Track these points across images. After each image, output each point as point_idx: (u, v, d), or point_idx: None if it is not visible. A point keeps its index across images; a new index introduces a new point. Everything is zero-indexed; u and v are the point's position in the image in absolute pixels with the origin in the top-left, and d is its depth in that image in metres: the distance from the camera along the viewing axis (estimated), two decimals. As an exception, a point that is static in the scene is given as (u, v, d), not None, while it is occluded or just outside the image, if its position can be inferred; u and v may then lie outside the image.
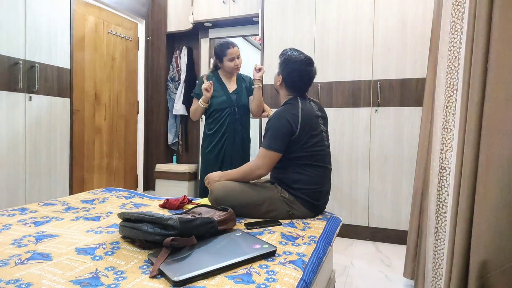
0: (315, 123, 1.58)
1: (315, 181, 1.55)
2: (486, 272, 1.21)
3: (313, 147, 1.55)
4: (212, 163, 2.22)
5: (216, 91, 2.19)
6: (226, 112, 2.18)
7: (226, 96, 2.19)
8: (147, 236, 1.09)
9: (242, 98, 2.23)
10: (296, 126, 1.51)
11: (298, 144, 1.53)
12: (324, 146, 1.60)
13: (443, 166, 1.49)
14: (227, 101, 2.18)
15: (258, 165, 1.56)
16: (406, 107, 2.42)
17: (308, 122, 1.54)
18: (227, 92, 2.21)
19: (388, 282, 1.87)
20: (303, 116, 1.53)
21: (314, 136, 1.55)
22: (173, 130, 3.87)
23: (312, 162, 1.55)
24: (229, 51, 2.14)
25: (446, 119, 1.48)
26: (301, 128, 1.51)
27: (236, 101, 2.20)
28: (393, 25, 2.44)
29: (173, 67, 3.86)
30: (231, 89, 2.24)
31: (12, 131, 2.27)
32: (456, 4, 1.45)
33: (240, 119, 2.21)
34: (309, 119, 1.55)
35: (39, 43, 2.42)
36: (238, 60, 2.18)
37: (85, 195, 1.96)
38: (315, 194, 1.55)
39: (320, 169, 1.57)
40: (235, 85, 2.26)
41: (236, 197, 1.51)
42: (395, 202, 2.46)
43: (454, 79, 1.46)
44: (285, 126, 1.51)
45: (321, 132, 1.61)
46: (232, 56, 2.15)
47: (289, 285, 0.90)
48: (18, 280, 0.90)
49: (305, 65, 1.60)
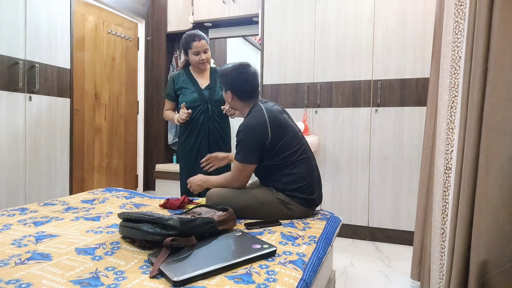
0: (283, 121, 1.57)
1: (305, 175, 1.55)
2: (486, 272, 1.21)
3: (292, 144, 1.55)
4: (191, 165, 2.11)
5: (187, 88, 2.06)
6: (199, 110, 2.04)
7: (198, 93, 2.05)
8: (147, 236, 1.09)
9: (215, 94, 2.07)
10: (266, 132, 1.50)
11: (276, 148, 1.52)
12: (299, 138, 1.61)
13: (448, 166, 1.48)
14: (199, 98, 2.04)
15: (235, 178, 1.58)
16: (406, 107, 2.42)
17: (277, 123, 1.53)
18: (199, 88, 2.06)
19: (388, 282, 1.87)
20: (270, 119, 1.52)
21: (288, 134, 1.55)
22: (173, 130, 3.87)
23: (296, 158, 1.55)
24: (194, 43, 2.00)
25: (451, 119, 1.47)
26: (272, 132, 1.50)
27: (209, 97, 2.06)
28: (393, 25, 2.44)
29: (173, 67, 3.86)
30: (203, 84, 2.09)
31: (12, 131, 2.27)
32: (459, 4, 1.45)
33: (214, 116, 2.07)
34: (276, 120, 1.54)
35: (39, 43, 2.42)
36: (206, 55, 2.03)
37: (85, 195, 1.96)
38: (309, 188, 1.55)
39: (305, 161, 1.57)
40: (208, 81, 2.11)
41: (233, 201, 1.51)
42: (395, 202, 2.46)
43: (458, 79, 1.45)
44: (255, 137, 1.50)
45: (291, 125, 1.61)
46: (197, 49, 2.00)
47: (289, 285, 0.90)
48: (18, 280, 0.90)
49: (242, 68, 1.60)
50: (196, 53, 2.03)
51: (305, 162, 1.57)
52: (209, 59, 2.08)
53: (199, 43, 2.01)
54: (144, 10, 3.75)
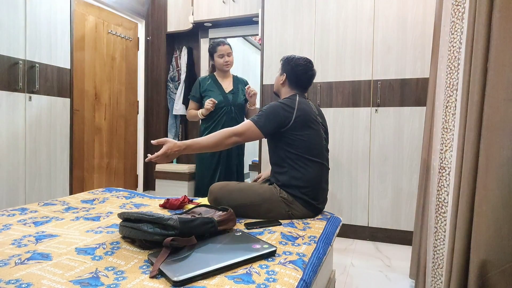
0: (312, 117, 1.59)
1: (313, 178, 1.55)
2: (486, 272, 1.21)
3: (310, 138, 1.56)
4: (207, 162, 2.28)
5: (213, 91, 2.30)
6: (223, 111, 2.27)
7: (223, 96, 2.29)
8: (147, 236, 1.09)
9: (238, 98, 2.33)
10: (290, 115, 1.53)
11: (293, 135, 1.54)
12: (321, 140, 1.62)
13: (442, 166, 1.49)
14: (224, 101, 2.28)
15: (238, 131, 1.51)
16: (406, 107, 2.42)
17: (303, 113, 1.56)
18: (223, 92, 2.31)
19: (388, 282, 1.88)
20: (299, 107, 1.56)
21: (310, 127, 1.57)
22: (173, 130, 3.87)
23: (309, 157, 1.55)
24: (219, 47, 2.27)
25: (446, 119, 1.48)
26: (295, 118, 1.54)
27: (233, 101, 2.30)
28: (393, 25, 2.44)
29: (173, 67, 3.86)
30: (228, 89, 2.33)
31: (12, 131, 2.27)
32: (456, 4, 1.45)
33: (236, 118, 2.30)
34: (305, 111, 1.57)
35: (39, 43, 2.42)
36: (229, 58, 2.29)
37: (85, 195, 1.96)
38: (314, 192, 1.55)
39: (317, 165, 1.57)
40: (232, 86, 2.35)
41: (235, 197, 1.51)
42: (395, 202, 2.46)
43: (454, 79, 1.45)
44: (278, 113, 1.54)
45: (319, 126, 1.62)
46: (222, 52, 2.27)
47: (289, 285, 0.90)
48: (18, 280, 0.90)
49: (308, 62, 1.69)
50: (221, 56, 2.29)
51: (317, 167, 1.57)
52: (232, 62, 2.32)
53: (223, 47, 2.28)
54: (144, 10, 3.75)
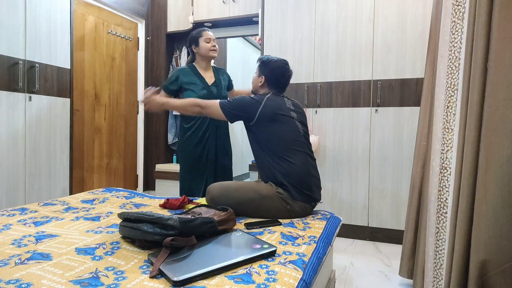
0: (280, 112, 1.62)
1: (299, 167, 1.57)
2: (486, 272, 1.21)
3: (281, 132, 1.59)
4: (197, 160, 2.13)
5: (195, 84, 2.11)
6: None
7: (207, 89, 2.12)
8: (147, 236, 1.09)
9: (222, 91, 2.21)
10: (255, 111, 1.60)
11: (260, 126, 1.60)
12: (297, 131, 1.64)
13: (444, 166, 1.48)
14: (208, 94, 2.09)
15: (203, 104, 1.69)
16: (406, 107, 2.42)
17: (269, 109, 1.61)
18: (207, 85, 2.14)
19: (388, 282, 1.88)
20: (265, 104, 1.61)
21: (279, 121, 1.60)
22: (173, 130, 3.87)
23: (290, 147, 1.58)
24: (204, 32, 2.14)
25: (447, 119, 1.48)
26: (260, 113, 1.59)
27: (217, 94, 2.14)
28: (393, 25, 2.44)
29: (173, 67, 3.86)
30: (210, 81, 2.17)
31: (12, 131, 2.27)
32: (457, 4, 1.45)
33: None
34: (271, 107, 1.62)
35: (39, 43, 2.42)
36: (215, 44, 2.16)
37: (85, 195, 1.96)
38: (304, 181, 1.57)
39: (299, 154, 1.59)
40: (214, 78, 2.19)
41: (233, 195, 1.51)
42: (395, 202, 2.46)
43: (455, 79, 1.45)
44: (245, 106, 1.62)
45: (293, 122, 1.64)
46: (208, 37, 2.13)
47: (289, 285, 0.90)
48: (18, 280, 0.90)
49: (284, 64, 1.75)
50: (208, 40, 2.14)
51: (302, 156, 1.60)
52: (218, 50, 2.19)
53: (209, 33, 2.16)
54: (144, 10, 3.75)
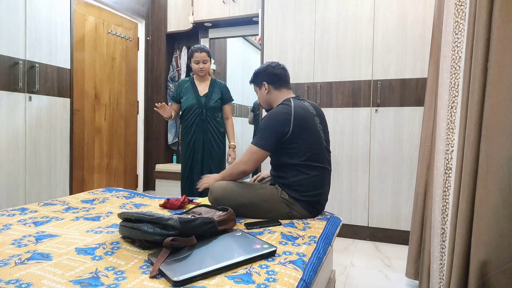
0: (310, 122, 1.56)
1: (315, 183, 1.54)
2: (486, 272, 1.21)
3: (310, 147, 1.53)
4: (186, 158, 2.46)
5: (187, 94, 2.44)
6: (195, 113, 2.41)
7: (196, 99, 2.42)
8: (147, 236, 1.09)
9: (210, 101, 2.44)
10: (288, 125, 1.51)
11: (293, 144, 1.52)
12: (321, 143, 1.59)
13: (448, 166, 1.48)
14: (197, 103, 2.41)
15: (243, 160, 1.57)
16: (406, 107, 2.42)
17: (301, 121, 1.53)
18: (198, 95, 2.43)
19: (388, 282, 1.87)
20: (295, 115, 1.52)
21: (310, 136, 1.54)
22: (173, 130, 3.87)
23: (311, 163, 1.53)
24: (195, 54, 2.40)
25: (451, 119, 1.47)
26: (293, 127, 1.51)
27: (205, 103, 2.42)
28: (393, 25, 2.44)
29: (173, 67, 3.86)
30: (203, 92, 2.45)
31: (12, 131, 2.27)
32: (459, 4, 1.45)
33: (207, 118, 2.43)
34: (302, 118, 1.54)
35: (39, 43, 2.42)
36: (204, 65, 2.40)
37: (85, 195, 1.96)
38: (316, 196, 1.55)
39: (319, 170, 1.56)
40: (207, 89, 2.47)
41: (236, 197, 1.51)
42: (395, 202, 2.46)
43: (458, 79, 1.45)
44: (276, 125, 1.52)
45: (318, 131, 1.59)
46: (197, 59, 2.39)
47: (289, 285, 0.90)
48: (18, 280, 0.90)
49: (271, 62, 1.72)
50: (196, 62, 2.41)
51: (319, 172, 1.56)
52: (207, 69, 2.44)
53: (200, 54, 2.39)
54: (144, 10, 3.75)
